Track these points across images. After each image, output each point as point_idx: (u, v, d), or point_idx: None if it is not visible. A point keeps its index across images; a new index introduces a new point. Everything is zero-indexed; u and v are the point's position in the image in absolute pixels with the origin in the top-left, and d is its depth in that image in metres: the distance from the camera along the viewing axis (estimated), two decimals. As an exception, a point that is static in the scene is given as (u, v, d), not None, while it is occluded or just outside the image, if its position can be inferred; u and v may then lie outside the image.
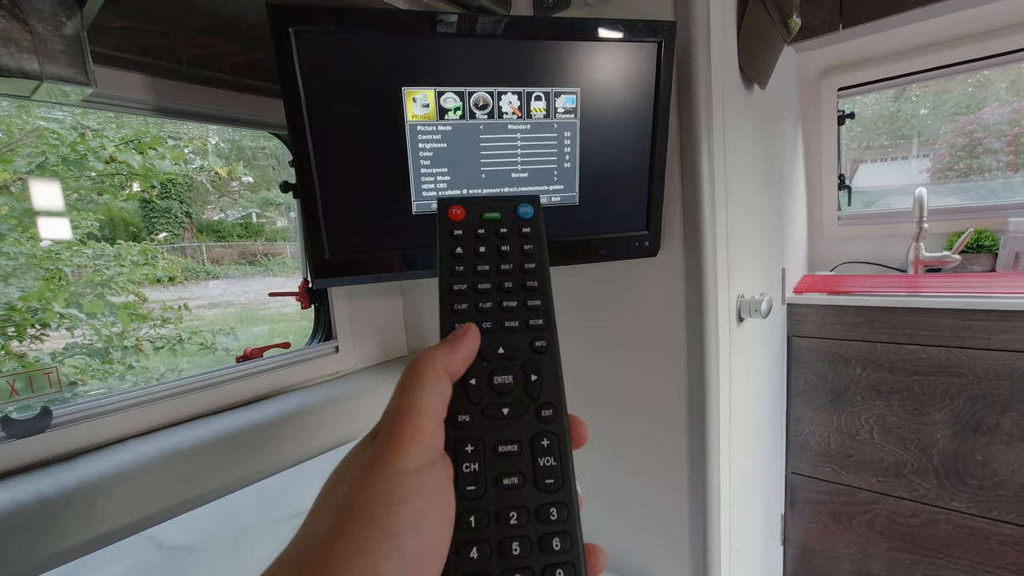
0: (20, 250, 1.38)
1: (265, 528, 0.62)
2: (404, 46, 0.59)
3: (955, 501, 1.16)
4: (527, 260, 0.27)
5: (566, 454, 0.24)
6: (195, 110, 0.79)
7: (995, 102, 1.54)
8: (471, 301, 0.26)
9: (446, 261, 0.27)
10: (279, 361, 0.94)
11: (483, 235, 0.27)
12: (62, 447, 0.68)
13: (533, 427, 0.24)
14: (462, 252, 0.27)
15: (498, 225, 0.27)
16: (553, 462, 0.23)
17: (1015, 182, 1.51)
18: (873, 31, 1.28)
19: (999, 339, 1.06)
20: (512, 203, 0.28)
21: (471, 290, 0.26)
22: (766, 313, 0.86)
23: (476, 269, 0.26)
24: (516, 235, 0.27)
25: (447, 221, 0.28)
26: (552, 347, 0.26)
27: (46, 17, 0.49)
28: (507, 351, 0.25)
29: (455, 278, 0.26)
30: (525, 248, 0.27)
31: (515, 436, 0.24)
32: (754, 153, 0.97)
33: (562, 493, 0.23)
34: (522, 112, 0.65)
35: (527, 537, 0.22)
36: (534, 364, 0.25)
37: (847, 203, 1.70)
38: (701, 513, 0.84)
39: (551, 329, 0.26)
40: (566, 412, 0.25)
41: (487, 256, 0.27)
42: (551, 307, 0.26)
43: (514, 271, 0.27)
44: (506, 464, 0.23)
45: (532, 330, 0.26)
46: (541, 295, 0.26)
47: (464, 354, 0.24)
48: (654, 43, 0.67)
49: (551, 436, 0.24)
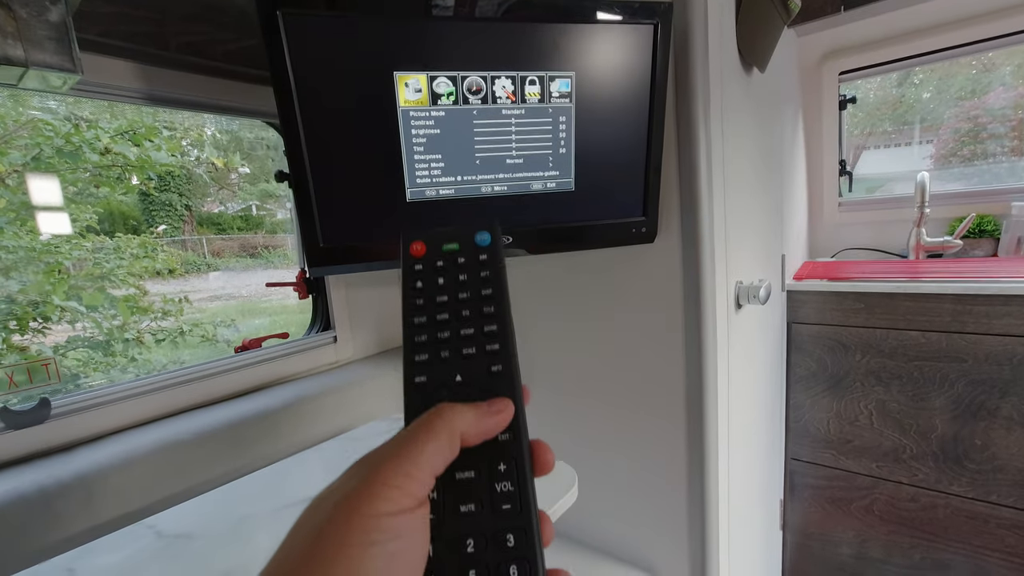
0: (19, 243, 1.38)
1: (264, 517, 0.63)
2: (396, 30, 0.58)
3: (954, 485, 1.16)
4: (484, 287, 0.28)
5: (525, 479, 0.23)
6: (186, 98, 0.78)
7: (1000, 86, 1.52)
8: (430, 332, 0.27)
9: (408, 296, 0.28)
10: (277, 351, 0.94)
11: (442, 267, 0.28)
12: (61, 438, 0.68)
13: (491, 453, 0.24)
14: (422, 286, 0.28)
15: (457, 255, 0.29)
16: (510, 487, 0.23)
17: (1019, 167, 1.49)
18: (875, 12, 1.26)
19: (1000, 324, 1.06)
20: (471, 231, 0.29)
21: (430, 321, 0.27)
22: (764, 299, 0.85)
23: (435, 301, 0.27)
24: (474, 263, 0.28)
25: (408, 257, 0.29)
26: (508, 370, 0.26)
27: (30, 2, 0.48)
28: (464, 377, 0.26)
29: (415, 312, 0.27)
30: (483, 275, 0.28)
31: (472, 463, 0.23)
32: (753, 138, 0.96)
33: (520, 518, 0.23)
34: (516, 97, 0.64)
35: (484, 563, 0.22)
36: (491, 389, 0.25)
37: (848, 189, 1.69)
38: (699, 499, 0.84)
39: (508, 353, 0.26)
40: (526, 436, 0.25)
41: (446, 287, 0.28)
42: (508, 330, 0.27)
43: (472, 299, 0.27)
44: (464, 491, 0.23)
45: (488, 355, 0.26)
46: (498, 319, 0.27)
47: (488, 429, 0.24)
48: (650, 25, 0.66)
49: (508, 461, 0.24)
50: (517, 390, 0.25)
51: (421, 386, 0.26)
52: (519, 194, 0.68)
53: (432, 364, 0.26)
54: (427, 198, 0.65)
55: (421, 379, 0.26)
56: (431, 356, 0.26)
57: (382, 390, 1.01)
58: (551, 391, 1.00)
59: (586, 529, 1.01)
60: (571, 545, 1.01)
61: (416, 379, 0.26)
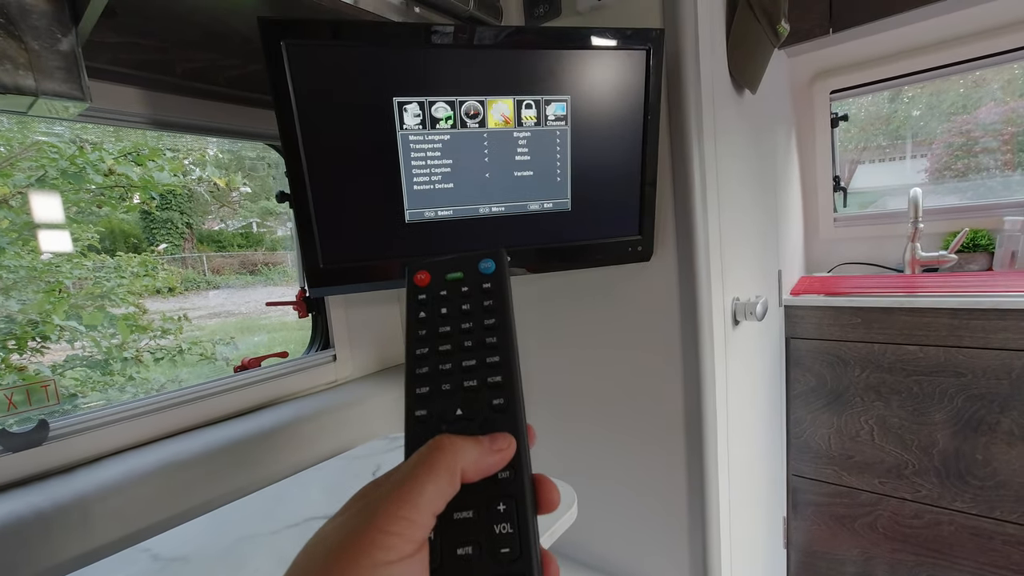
0: (20, 263, 1.38)
1: (261, 539, 0.62)
2: (396, 58, 0.60)
3: (957, 501, 1.15)
4: (488, 316, 0.27)
5: (525, 520, 0.22)
6: (191, 122, 0.79)
7: (991, 101, 1.55)
8: (431, 364, 0.26)
9: (411, 327, 0.27)
10: (277, 370, 0.94)
11: (446, 296, 0.28)
12: (59, 460, 0.68)
13: (490, 491, 0.22)
14: (425, 316, 0.27)
15: (460, 284, 0.28)
16: (509, 529, 0.22)
17: (1011, 181, 1.52)
18: (863, 34, 1.29)
19: (998, 338, 1.06)
20: (475, 259, 0.28)
21: (432, 353, 0.26)
22: (761, 315, 0.86)
23: (438, 332, 0.27)
24: (478, 292, 0.28)
25: (413, 287, 0.28)
26: (512, 404, 0.25)
27: (42, 34, 0.50)
28: (465, 411, 0.25)
29: (418, 343, 0.27)
30: (486, 304, 0.27)
31: (471, 502, 0.22)
32: (746, 157, 0.98)
33: (520, 564, 0.21)
34: (513, 120, 0.65)
35: None
36: (491, 424, 0.24)
37: (843, 204, 1.71)
38: (700, 517, 0.84)
39: (512, 386, 0.25)
40: (528, 474, 0.23)
41: (449, 317, 0.27)
42: (512, 362, 0.26)
43: (475, 329, 0.27)
44: (462, 532, 0.22)
45: (490, 388, 0.25)
46: (501, 351, 0.26)
47: (488, 467, 0.22)
48: (643, 50, 0.68)
49: (508, 500, 0.22)
50: (520, 425, 0.24)
51: (422, 419, 0.25)
52: (516, 214, 0.69)
53: (433, 397, 0.25)
54: (426, 219, 0.66)
55: (422, 412, 0.25)
56: (432, 388, 0.25)
57: (382, 409, 1.01)
58: (548, 408, 1.00)
59: (584, 548, 1.00)
60: (570, 565, 1.00)
61: (417, 412, 0.25)
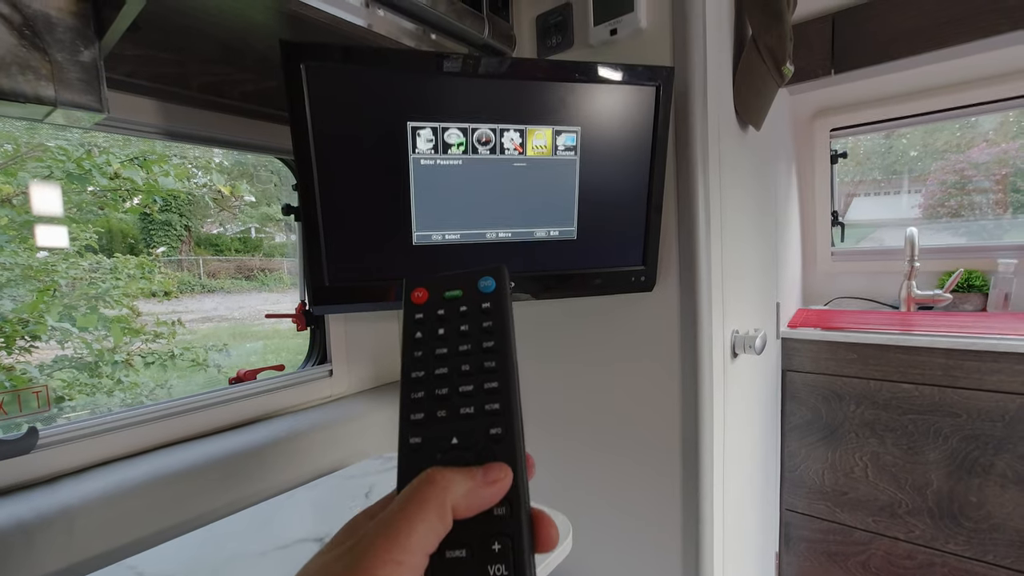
0: (16, 261, 1.37)
1: (249, 559, 0.61)
2: (411, 83, 0.61)
3: (950, 543, 1.14)
4: (487, 338, 0.25)
5: (522, 561, 0.20)
6: (203, 135, 0.80)
7: (983, 142, 1.59)
8: (427, 388, 0.25)
9: (407, 347, 0.26)
10: (272, 384, 0.93)
11: (443, 316, 0.26)
12: (47, 469, 0.67)
13: (484, 528, 0.21)
14: (421, 336, 0.26)
15: (459, 303, 0.26)
16: (504, 571, 0.20)
17: (1004, 223, 1.55)
18: (863, 77, 1.33)
19: (992, 380, 1.07)
20: (475, 277, 0.27)
21: (428, 376, 0.25)
22: (760, 349, 0.86)
23: (435, 353, 0.25)
24: (477, 312, 0.26)
25: (410, 305, 0.27)
26: (509, 435, 0.23)
27: (66, 47, 0.50)
28: (461, 440, 0.23)
29: (414, 365, 0.25)
30: (485, 325, 0.25)
31: (464, 539, 0.21)
32: (749, 190, 1.00)
33: None
34: (523, 149, 0.66)
35: None
36: (489, 454, 0.23)
37: (840, 239, 1.73)
38: (694, 549, 0.83)
39: (510, 414, 0.23)
40: (526, 509, 0.22)
41: (447, 338, 0.26)
42: (511, 388, 0.24)
43: (473, 351, 0.25)
44: (454, 573, 0.20)
45: (488, 415, 0.23)
46: (500, 376, 0.24)
47: (481, 501, 0.21)
48: (653, 87, 0.69)
49: (503, 539, 0.21)
50: (519, 457, 0.23)
51: (416, 448, 0.23)
52: (523, 241, 0.70)
53: (428, 424, 0.24)
54: (433, 242, 0.66)
55: (416, 440, 0.23)
56: (427, 415, 0.24)
57: (376, 426, 1.00)
58: (546, 434, 0.99)
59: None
60: (562, 595, 0.98)
61: (411, 440, 0.23)
